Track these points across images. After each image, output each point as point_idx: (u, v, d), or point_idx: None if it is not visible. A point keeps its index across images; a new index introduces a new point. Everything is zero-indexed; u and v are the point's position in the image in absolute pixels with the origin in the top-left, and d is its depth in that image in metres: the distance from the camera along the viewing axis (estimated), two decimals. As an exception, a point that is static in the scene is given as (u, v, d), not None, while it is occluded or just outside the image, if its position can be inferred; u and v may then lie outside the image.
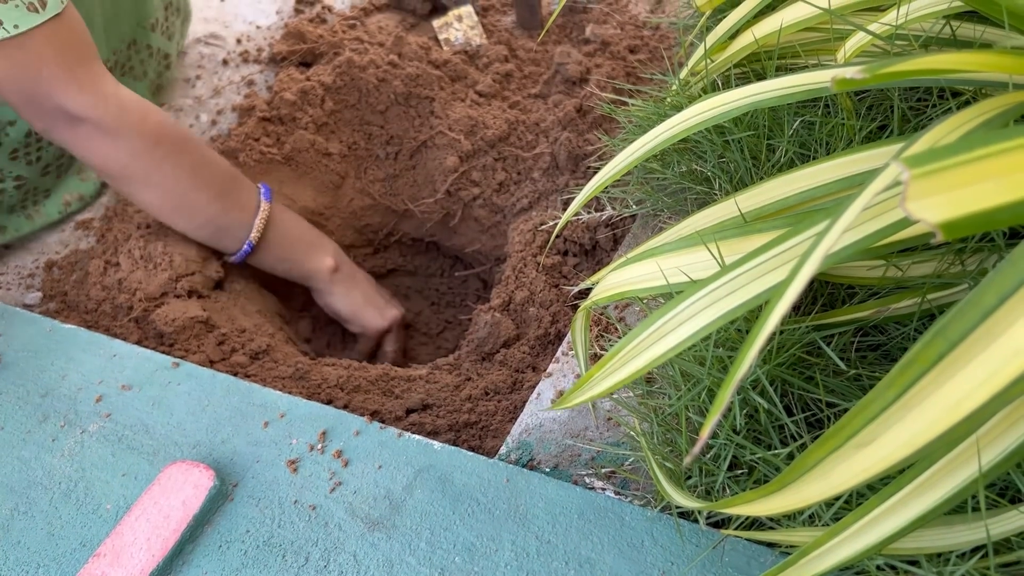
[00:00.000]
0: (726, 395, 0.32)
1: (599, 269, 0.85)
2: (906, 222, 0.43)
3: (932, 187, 0.29)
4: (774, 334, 0.53)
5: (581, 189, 0.73)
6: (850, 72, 0.33)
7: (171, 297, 0.91)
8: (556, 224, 0.94)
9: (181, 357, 0.85)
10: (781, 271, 0.44)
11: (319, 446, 0.67)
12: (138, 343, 0.88)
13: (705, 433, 0.31)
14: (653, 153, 0.59)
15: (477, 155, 1.07)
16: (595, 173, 0.75)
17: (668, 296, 0.59)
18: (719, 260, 0.49)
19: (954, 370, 0.33)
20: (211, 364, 0.86)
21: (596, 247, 0.93)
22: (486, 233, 1.11)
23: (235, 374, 0.84)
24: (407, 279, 1.21)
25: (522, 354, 0.86)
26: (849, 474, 0.37)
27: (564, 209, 0.97)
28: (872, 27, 0.54)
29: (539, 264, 0.92)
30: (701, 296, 0.45)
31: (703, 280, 0.45)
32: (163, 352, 0.86)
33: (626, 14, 1.21)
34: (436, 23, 1.21)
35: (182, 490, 0.64)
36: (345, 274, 1.05)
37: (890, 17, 0.53)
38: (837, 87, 0.33)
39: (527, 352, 0.86)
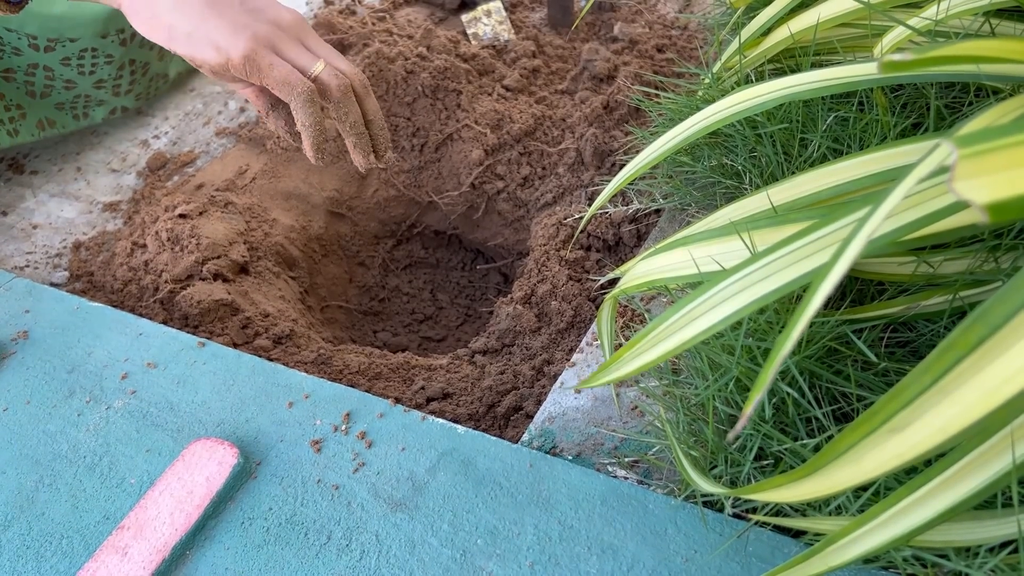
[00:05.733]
0: (779, 354, 0.32)
1: (621, 264, 0.85)
2: (943, 212, 0.43)
3: (981, 167, 0.29)
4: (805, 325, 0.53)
5: (606, 185, 0.74)
6: (898, 55, 0.33)
7: (197, 280, 0.92)
8: (579, 219, 0.94)
9: (206, 339, 0.85)
10: (815, 258, 0.44)
11: (343, 427, 0.67)
12: (163, 324, 0.88)
13: (756, 397, 0.31)
14: (684, 145, 0.59)
15: (502, 149, 1.07)
16: (621, 168, 0.75)
17: (698, 286, 0.59)
18: (751, 248, 0.49)
19: (994, 355, 0.32)
20: (235, 347, 0.87)
21: (619, 243, 0.93)
22: (509, 227, 1.11)
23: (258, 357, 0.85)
24: (428, 271, 1.22)
25: (543, 346, 0.86)
26: (882, 460, 0.37)
27: (589, 204, 0.98)
28: (911, 23, 0.54)
29: (562, 258, 0.92)
30: (733, 282, 0.45)
31: (735, 266, 0.45)
32: (188, 334, 0.87)
33: (655, 13, 1.22)
34: (465, 17, 1.22)
35: (206, 466, 0.64)
36: None
37: (929, 13, 0.53)
38: (884, 70, 0.33)
39: (548, 344, 0.86)
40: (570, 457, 0.64)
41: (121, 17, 1.03)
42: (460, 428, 0.66)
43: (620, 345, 0.73)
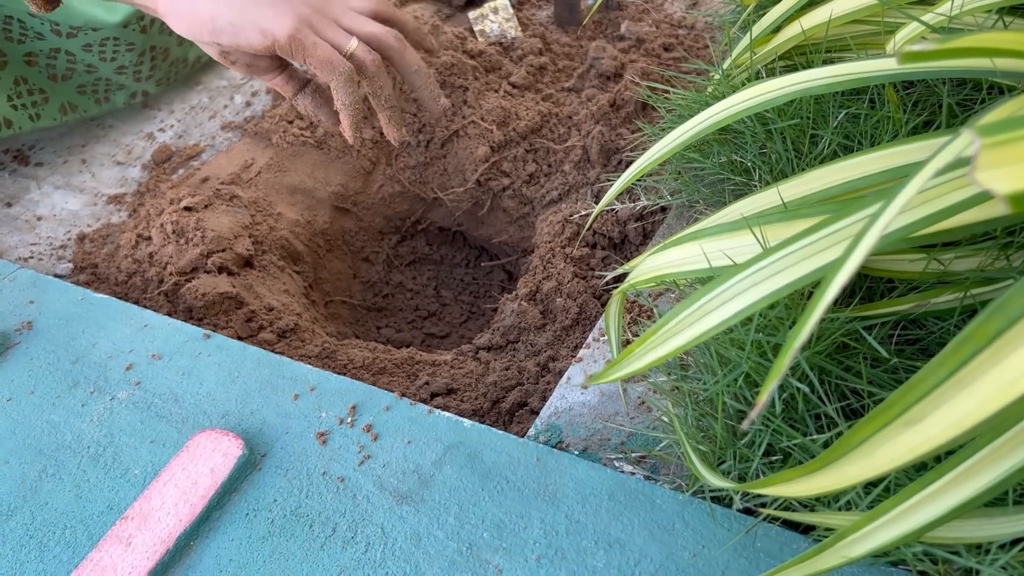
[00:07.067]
0: (794, 344, 0.32)
1: (627, 262, 0.85)
2: (957, 208, 0.43)
3: (1003, 157, 0.29)
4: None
5: (612, 183, 0.74)
6: (917, 46, 0.33)
7: (201, 272, 0.92)
8: (585, 216, 0.94)
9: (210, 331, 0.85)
10: (828, 253, 0.43)
11: (349, 420, 0.67)
12: (167, 316, 0.88)
13: (771, 384, 0.31)
14: (694, 140, 0.59)
15: (508, 146, 1.07)
16: (628, 166, 0.75)
17: (708, 281, 0.58)
18: (763, 243, 0.49)
19: (1012, 347, 0.32)
20: (239, 340, 0.86)
21: (625, 240, 0.93)
22: (514, 224, 1.11)
23: (263, 350, 0.84)
24: (433, 268, 1.22)
25: (548, 343, 0.86)
26: (896, 453, 0.37)
27: (595, 201, 0.97)
28: (924, 18, 0.53)
29: (567, 255, 0.92)
30: (745, 276, 0.45)
31: (747, 261, 0.45)
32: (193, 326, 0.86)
33: (662, 12, 1.22)
34: (472, 14, 1.22)
35: (211, 458, 0.64)
36: None
37: (943, 9, 0.53)
38: (903, 61, 0.33)
39: (553, 341, 0.86)
40: (576, 452, 0.64)
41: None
42: (466, 422, 0.66)
43: (627, 341, 0.73)
